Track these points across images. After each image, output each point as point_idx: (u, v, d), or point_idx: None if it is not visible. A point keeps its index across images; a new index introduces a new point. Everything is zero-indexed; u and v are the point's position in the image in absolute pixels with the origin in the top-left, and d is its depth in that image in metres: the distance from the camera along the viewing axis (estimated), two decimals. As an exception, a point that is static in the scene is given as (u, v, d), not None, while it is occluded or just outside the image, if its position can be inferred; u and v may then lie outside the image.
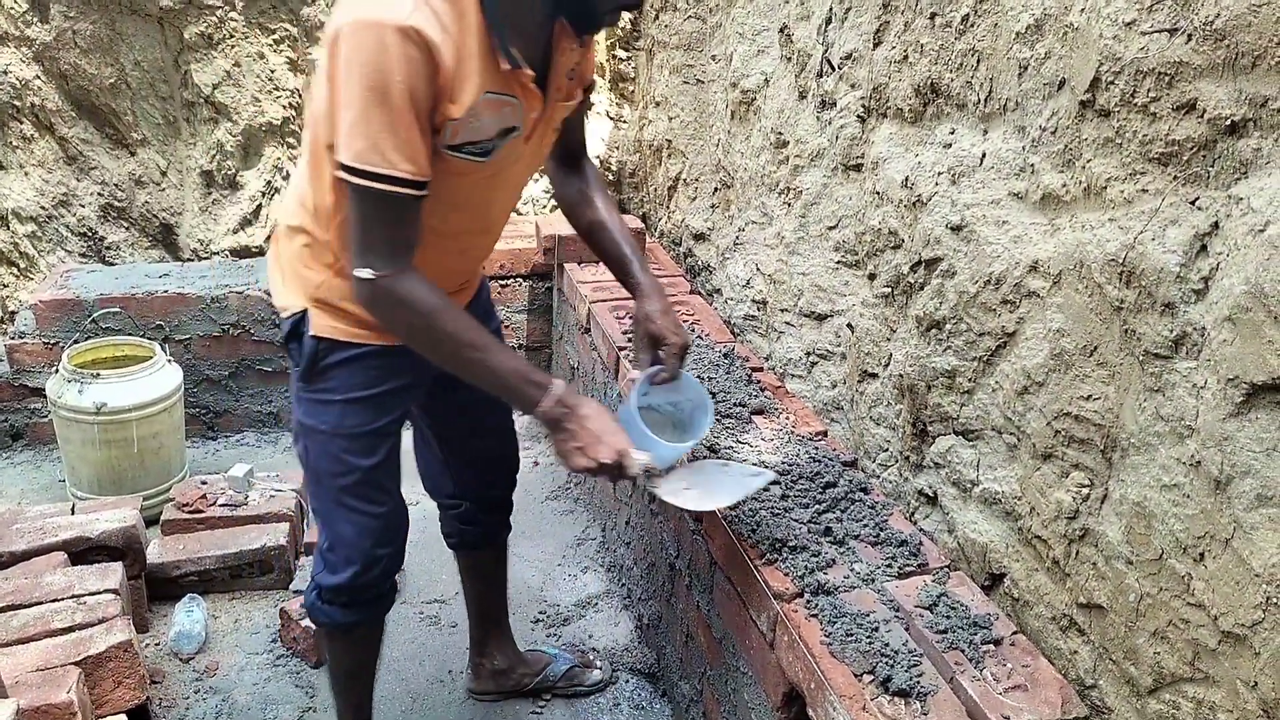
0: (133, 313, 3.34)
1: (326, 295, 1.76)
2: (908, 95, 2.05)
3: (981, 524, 1.87)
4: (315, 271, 1.76)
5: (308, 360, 1.78)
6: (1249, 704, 1.30)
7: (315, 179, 1.70)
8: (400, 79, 1.44)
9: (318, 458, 1.85)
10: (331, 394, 1.80)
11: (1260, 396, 1.25)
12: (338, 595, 1.93)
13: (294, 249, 1.78)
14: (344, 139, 1.49)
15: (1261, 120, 1.25)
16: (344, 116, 1.47)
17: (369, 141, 1.47)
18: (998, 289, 1.76)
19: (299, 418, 1.86)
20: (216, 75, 3.74)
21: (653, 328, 1.88)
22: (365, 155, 1.48)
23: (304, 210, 1.75)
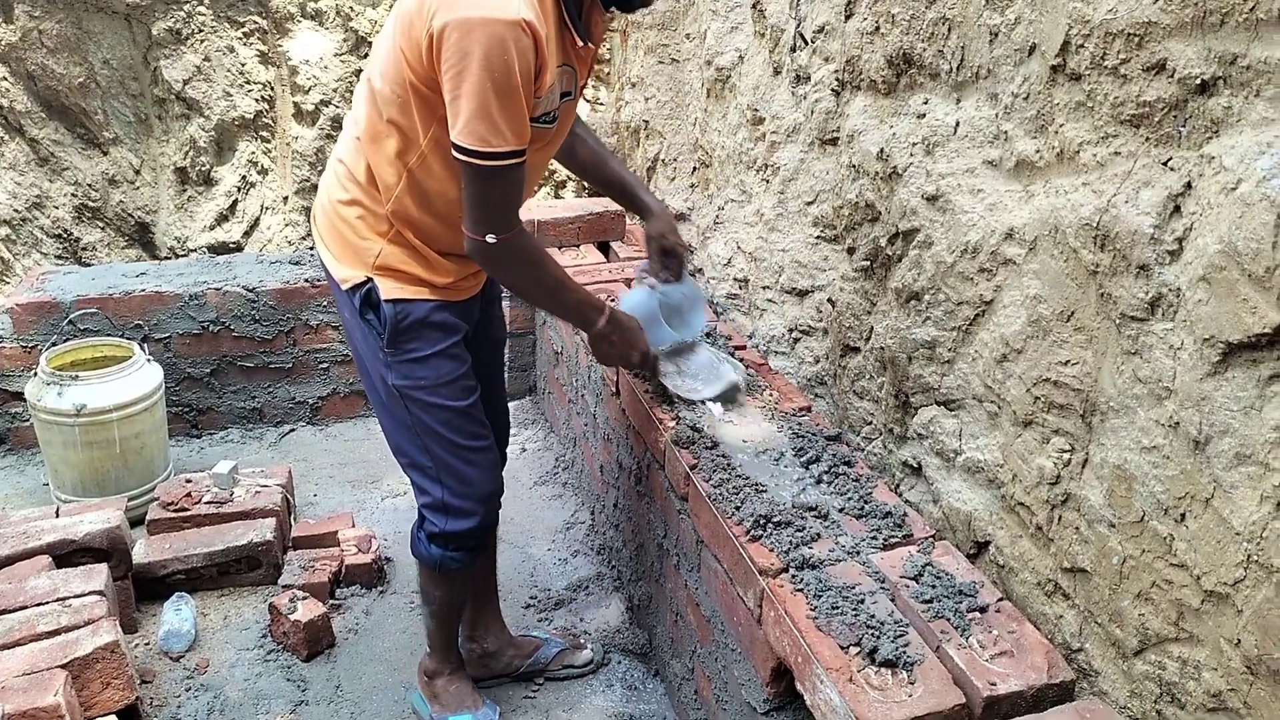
0: (110, 313, 3.31)
1: (387, 261, 1.90)
2: (881, 67, 2.04)
3: (965, 493, 1.88)
4: (373, 241, 1.90)
5: (390, 326, 1.91)
6: (1233, 661, 1.30)
7: (376, 154, 1.85)
8: (519, 68, 1.61)
9: (423, 413, 1.98)
10: (420, 350, 1.94)
11: (1236, 355, 1.25)
12: (467, 540, 2.09)
13: (347, 221, 1.92)
14: (466, 125, 1.63)
15: (1231, 78, 1.24)
16: (465, 105, 1.62)
17: (492, 127, 1.64)
18: (974, 258, 1.76)
19: (393, 383, 1.96)
20: (186, 71, 3.71)
21: (664, 242, 2.27)
22: (490, 140, 1.64)
23: (355, 184, 1.90)
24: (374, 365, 1.98)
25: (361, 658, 2.55)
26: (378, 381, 1.99)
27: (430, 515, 2.08)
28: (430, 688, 2.32)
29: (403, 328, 1.91)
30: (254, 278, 3.48)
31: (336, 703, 2.40)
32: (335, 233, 1.95)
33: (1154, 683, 1.45)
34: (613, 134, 4.04)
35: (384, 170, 1.85)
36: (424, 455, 2.02)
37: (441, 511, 2.06)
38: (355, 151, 1.90)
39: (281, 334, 3.50)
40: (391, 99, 1.77)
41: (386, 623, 2.68)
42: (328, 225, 1.97)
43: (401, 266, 1.91)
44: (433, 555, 2.11)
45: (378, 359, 1.96)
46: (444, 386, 1.97)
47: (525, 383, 3.91)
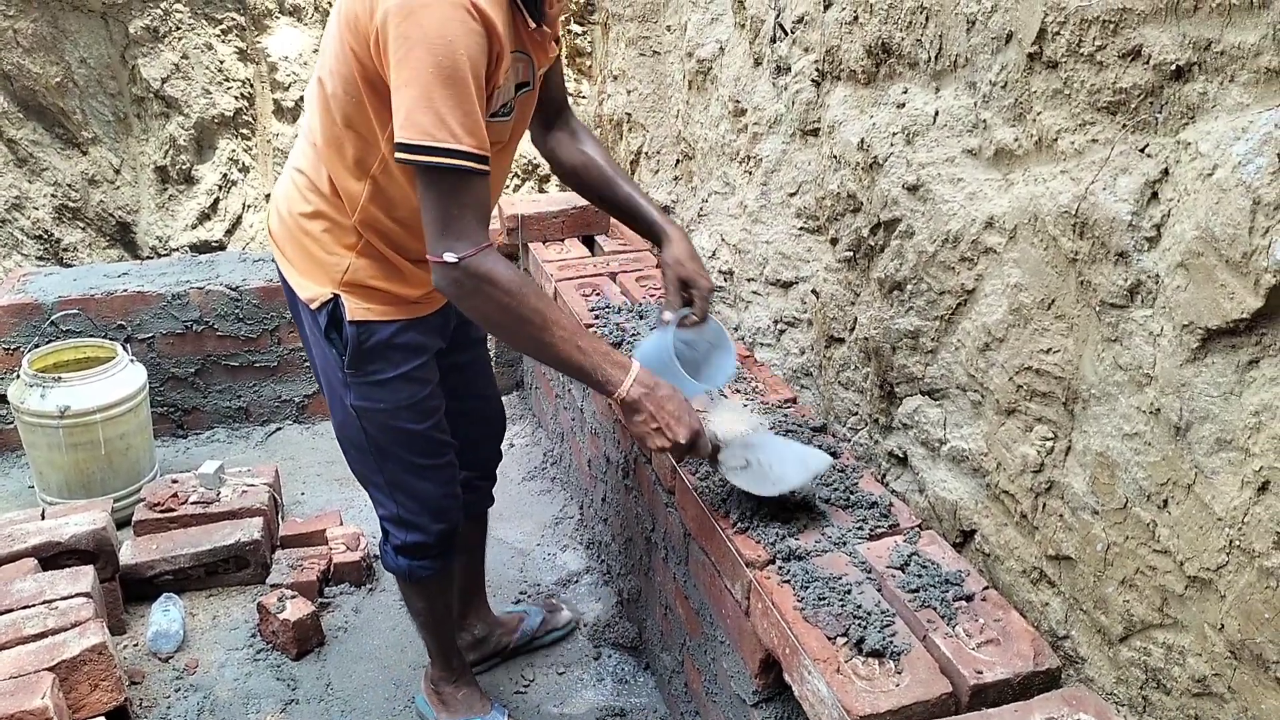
0: (93, 314, 3.29)
1: (354, 277, 1.78)
2: (860, 57, 2.03)
3: (951, 482, 1.88)
4: (339, 255, 1.78)
5: (353, 347, 1.81)
6: (1216, 646, 1.31)
7: (336, 161, 1.71)
8: (465, 55, 1.45)
9: (381, 434, 1.91)
10: (383, 373, 1.85)
11: (1215, 341, 1.25)
12: (431, 549, 2.05)
13: (311, 235, 1.79)
14: (406, 117, 1.47)
15: (1206, 63, 1.24)
16: (405, 95, 1.46)
17: (435, 117, 1.46)
18: (955, 247, 1.76)
19: (353, 403, 1.88)
20: (165, 69, 3.69)
21: (682, 272, 1.93)
22: (432, 131, 1.46)
23: (318, 195, 1.77)
24: (334, 384, 1.91)
25: (351, 655, 2.55)
26: (335, 401, 1.94)
27: (390, 527, 2.07)
28: (437, 694, 2.31)
29: (365, 349, 1.82)
30: (237, 276, 3.46)
31: (327, 701, 2.40)
32: (298, 247, 1.83)
33: (1139, 669, 1.46)
34: (595, 127, 4.03)
35: (346, 180, 1.73)
36: (377, 474, 1.99)
37: (398, 525, 2.04)
38: (315, 160, 1.77)
39: (266, 332, 3.49)
40: (345, 100, 1.64)
41: (376, 620, 2.67)
42: (289, 239, 1.85)
43: (371, 282, 1.79)
44: (400, 566, 2.09)
45: (336, 377, 1.88)
46: (404, 410, 1.89)
47: (512, 378, 3.90)
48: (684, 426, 1.69)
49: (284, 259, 1.87)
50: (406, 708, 2.39)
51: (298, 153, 1.85)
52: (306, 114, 1.81)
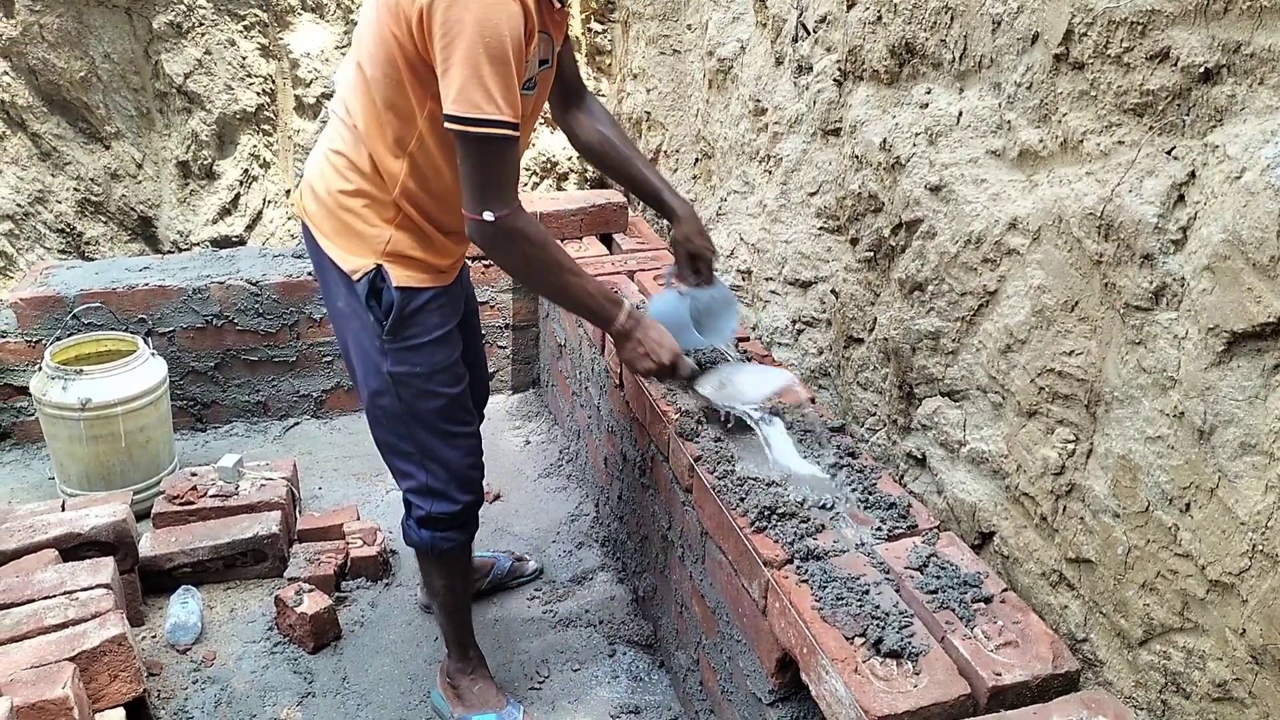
0: (114, 307, 3.31)
1: (395, 248, 1.92)
2: (883, 56, 2.03)
3: (970, 484, 1.88)
4: (380, 228, 1.92)
5: (395, 312, 1.93)
6: (1238, 651, 1.30)
7: (377, 141, 1.86)
8: (508, 35, 1.63)
9: (415, 400, 2.01)
10: (419, 337, 1.97)
11: (1241, 345, 1.25)
12: (455, 519, 2.12)
13: (353, 211, 1.92)
14: (460, 93, 1.64)
15: (1235, 66, 1.24)
16: (457, 73, 1.63)
17: (485, 94, 1.64)
18: (978, 248, 1.76)
19: (388, 369, 1.98)
20: (188, 64, 3.71)
21: (692, 248, 2.22)
22: (483, 106, 1.65)
23: (357, 173, 1.90)
24: (369, 353, 1.99)
25: (367, 650, 2.56)
26: (369, 370, 2.01)
27: (415, 500, 2.13)
28: (453, 688, 2.32)
29: (406, 314, 1.94)
30: (257, 271, 3.48)
31: (343, 694, 2.41)
32: (339, 224, 1.94)
33: (1159, 673, 1.45)
34: (615, 125, 4.03)
35: (386, 158, 1.86)
36: (408, 442, 2.06)
37: (425, 495, 2.10)
38: (354, 142, 1.90)
39: (285, 327, 3.50)
40: (384, 83, 1.78)
41: (392, 615, 2.68)
42: (328, 217, 1.96)
43: (409, 252, 1.93)
44: (424, 539, 2.15)
45: (374, 346, 1.97)
46: (438, 374, 2.01)
47: (529, 375, 3.91)
48: (666, 350, 2.04)
49: (322, 236, 1.97)
50: (422, 702, 2.40)
51: (332, 136, 1.96)
52: (341, 99, 1.93)
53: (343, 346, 2.10)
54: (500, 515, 3.12)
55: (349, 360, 2.09)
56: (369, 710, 2.37)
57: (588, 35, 4.05)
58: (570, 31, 2.01)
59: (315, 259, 2.05)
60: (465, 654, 2.32)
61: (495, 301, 3.76)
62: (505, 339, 3.81)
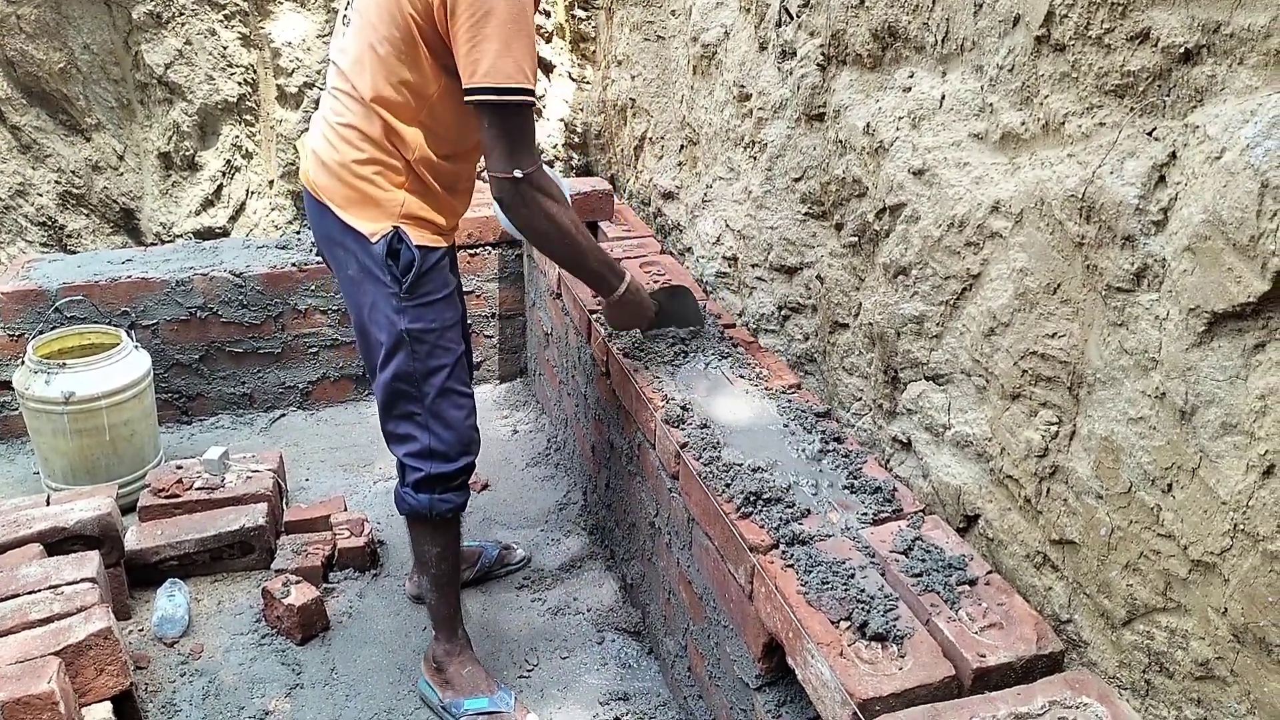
0: (97, 300, 3.29)
1: (409, 210, 2.04)
2: (866, 40, 2.02)
3: (955, 467, 1.88)
4: (394, 192, 2.03)
5: (415, 270, 2.04)
6: (1220, 630, 1.31)
7: (393, 115, 1.97)
8: (529, 10, 1.81)
9: (428, 356, 2.10)
10: (432, 294, 2.09)
11: (1221, 325, 1.25)
12: (452, 480, 2.19)
13: (366, 178, 2.02)
14: (493, 65, 1.79)
15: (1215, 46, 1.24)
16: (489, 47, 1.78)
17: (516, 65, 1.80)
18: (961, 231, 1.76)
19: (405, 326, 2.07)
20: (168, 54, 3.67)
21: None
22: (515, 76, 1.81)
23: (369, 142, 2.01)
24: (385, 313, 2.07)
25: (356, 640, 2.56)
26: (383, 330, 2.08)
27: (414, 462, 2.18)
28: (440, 674, 2.33)
29: (424, 271, 2.05)
30: (241, 263, 3.46)
31: (331, 685, 2.41)
32: (354, 191, 2.03)
33: (1142, 652, 1.46)
34: (599, 112, 4.02)
35: (405, 129, 1.98)
36: (416, 403, 2.13)
37: (427, 457, 2.16)
38: (365, 114, 1.99)
39: (270, 319, 3.49)
40: (399, 64, 1.92)
41: (380, 605, 2.68)
42: (341, 187, 2.04)
43: (422, 214, 2.05)
44: (422, 502, 2.19)
45: (391, 306, 2.06)
46: (449, 330, 2.12)
47: (516, 364, 3.90)
48: (644, 320, 2.44)
49: (336, 205, 2.06)
50: (411, 692, 2.40)
51: (337, 109, 2.06)
52: (344, 74, 2.02)
53: (355, 315, 2.17)
54: (488, 504, 3.11)
55: (361, 327, 2.15)
56: (358, 700, 2.37)
57: (571, 22, 4.03)
58: None
59: (323, 231, 2.13)
60: (454, 633, 2.34)
61: (482, 291, 3.75)
62: (492, 328, 3.81)
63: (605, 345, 2.58)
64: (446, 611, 2.33)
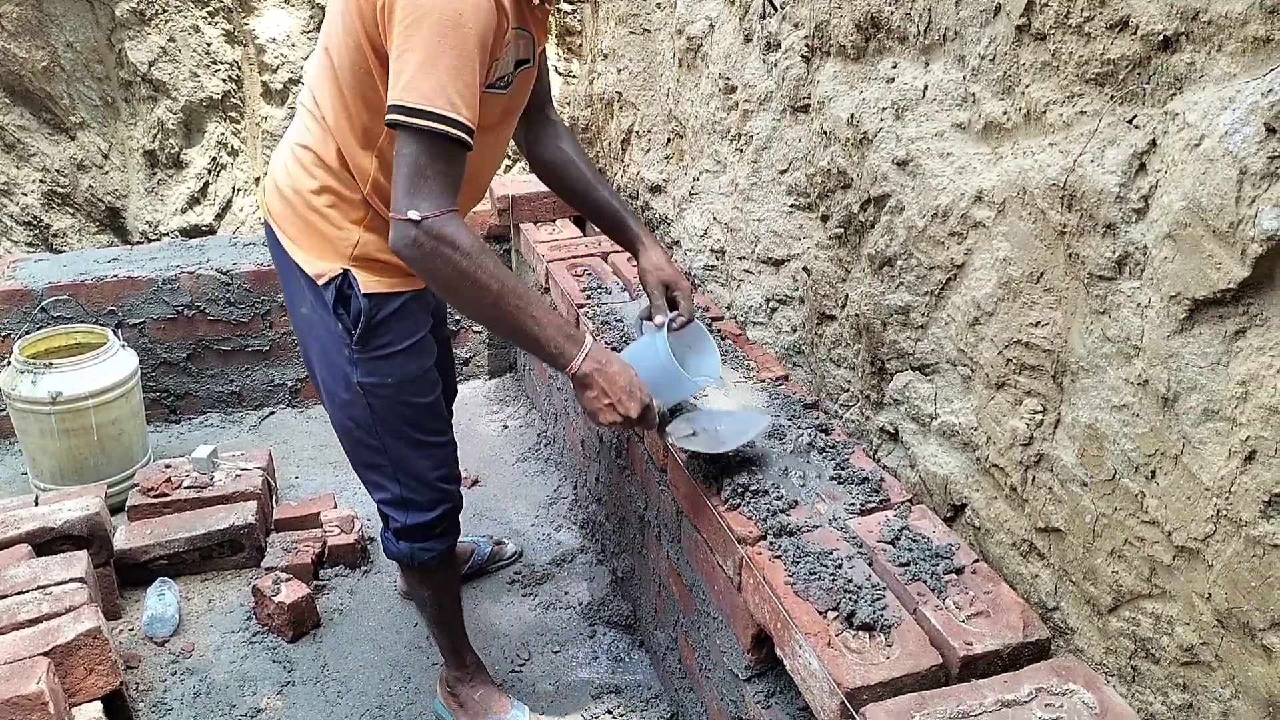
0: (83, 299, 3.28)
1: (365, 251, 1.80)
2: (849, 31, 2.02)
3: (941, 456, 1.89)
4: (348, 230, 1.80)
5: (364, 321, 1.81)
6: (1204, 615, 1.32)
7: (346, 134, 1.73)
8: (473, 27, 1.49)
9: (386, 410, 1.90)
10: (391, 346, 1.86)
11: (1202, 312, 1.26)
12: (433, 529, 2.04)
13: (318, 211, 1.80)
14: (407, 82, 1.49)
15: (1194, 33, 1.24)
16: (409, 59, 1.49)
17: (435, 84, 1.49)
18: (945, 221, 1.76)
19: (358, 380, 1.87)
20: (152, 52, 3.66)
21: (664, 276, 2.03)
22: (431, 98, 1.49)
23: (324, 169, 1.78)
24: (336, 362, 1.88)
25: (347, 637, 2.56)
26: (338, 379, 1.90)
27: (391, 512, 2.05)
28: (454, 697, 2.28)
29: (375, 322, 1.83)
30: (227, 260, 3.45)
31: (323, 682, 2.41)
32: (305, 224, 1.83)
33: (1128, 639, 1.46)
34: (586, 106, 4.01)
35: (355, 152, 1.75)
36: (379, 454, 1.97)
37: (401, 507, 2.03)
38: (321, 135, 1.78)
39: (258, 316, 3.48)
40: (352, 71, 1.67)
41: (371, 602, 2.68)
42: (292, 217, 1.84)
43: (379, 255, 1.80)
44: (403, 551, 2.08)
45: (343, 356, 1.86)
46: (410, 383, 1.92)
47: (505, 360, 3.90)
48: (635, 401, 1.72)
49: (287, 238, 1.86)
50: (403, 688, 2.40)
51: (299, 129, 1.85)
52: (310, 89, 1.81)
53: (305, 355, 2.00)
54: (479, 500, 3.11)
55: (313, 370, 1.99)
56: (349, 697, 2.37)
57: (558, 16, 4.03)
58: None
59: (279, 263, 1.93)
60: (462, 662, 2.26)
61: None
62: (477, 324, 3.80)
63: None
64: (451, 644, 2.25)
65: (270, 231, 1.93)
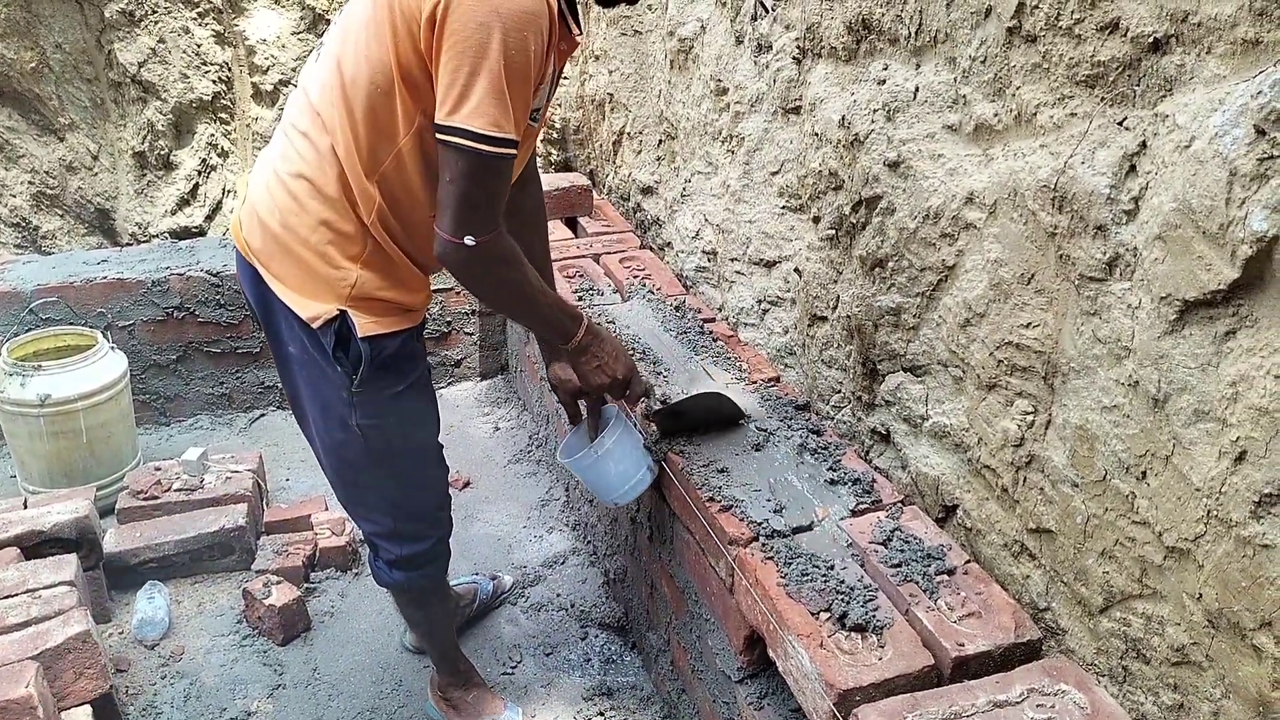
0: (72, 301, 3.26)
1: (363, 291, 1.71)
2: (840, 33, 2.03)
3: (933, 458, 1.89)
4: (345, 269, 1.69)
5: (364, 365, 1.73)
6: (1195, 615, 1.32)
7: (352, 159, 1.63)
8: (534, 49, 1.50)
9: (386, 449, 1.85)
10: (394, 385, 1.80)
11: (1193, 313, 1.26)
12: (427, 557, 2.03)
13: (313, 248, 1.69)
14: (476, 106, 1.48)
15: (1183, 35, 1.24)
16: (477, 82, 1.47)
17: (504, 110, 1.49)
18: (936, 223, 1.76)
19: (358, 422, 1.79)
20: (141, 53, 3.64)
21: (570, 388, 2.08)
22: (501, 124, 1.50)
23: (320, 200, 1.67)
24: (329, 403, 1.80)
25: (338, 640, 2.55)
26: (332, 420, 1.82)
27: (382, 543, 2.01)
28: (446, 701, 2.28)
29: (377, 365, 1.75)
30: (217, 262, 3.43)
31: (314, 685, 2.40)
32: (296, 263, 1.70)
33: (1119, 639, 1.47)
34: (577, 108, 4.01)
35: (361, 179, 1.65)
36: (372, 492, 1.93)
37: (394, 539, 1.99)
38: (318, 162, 1.67)
39: (248, 318, 3.46)
40: (367, 91, 1.58)
41: (362, 605, 2.67)
42: (281, 254, 1.71)
43: (378, 294, 1.72)
44: (397, 580, 2.05)
45: (339, 398, 1.78)
46: (414, 424, 1.90)
47: (497, 361, 3.89)
48: (621, 365, 1.91)
49: (272, 276, 1.73)
50: (394, 691, 2.39)
51: (288, 154, 1.72)
52: (305, 109, 1.70)
53: (292, 392, 1.91)
54: (470, 502, 3.11)
55: (299, 406, 1.91)
56: (340, 700, 2.36)
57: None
58: None
59: (257, 301, 1.81)
60: (455, 668, 2.27)
61: (461, 288, 3.73)
62: (472, 325, 3.79)
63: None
64: (442, 651, 2.25)
65: (247, 266, 1.78)
